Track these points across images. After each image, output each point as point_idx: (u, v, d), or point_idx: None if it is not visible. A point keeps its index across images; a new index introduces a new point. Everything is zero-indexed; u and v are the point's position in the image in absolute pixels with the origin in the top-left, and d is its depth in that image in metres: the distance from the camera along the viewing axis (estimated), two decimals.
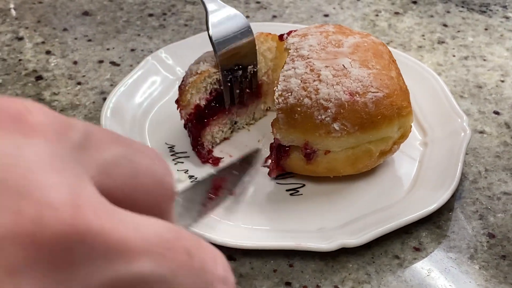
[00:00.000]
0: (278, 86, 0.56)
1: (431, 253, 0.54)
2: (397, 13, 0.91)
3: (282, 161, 0.59)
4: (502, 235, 0.55)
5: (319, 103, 0.54)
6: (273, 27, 0.71)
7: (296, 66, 0.57)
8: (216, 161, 0.63)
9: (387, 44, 0.81)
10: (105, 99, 0.69)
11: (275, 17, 0.90)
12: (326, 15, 0.90)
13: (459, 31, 0.86)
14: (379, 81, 0.55)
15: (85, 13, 0.91)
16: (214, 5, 0.61)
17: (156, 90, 0.71)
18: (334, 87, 0.54)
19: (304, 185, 0.60)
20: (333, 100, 0.54)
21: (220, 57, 0.60)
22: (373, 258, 0.53)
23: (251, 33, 0.62)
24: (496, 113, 0.70)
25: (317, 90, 0.55)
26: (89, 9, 0.92)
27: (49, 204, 0.17)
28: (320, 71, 0.55)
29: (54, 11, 0.92)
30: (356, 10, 0.92)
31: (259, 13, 0.91)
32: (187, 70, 0.63)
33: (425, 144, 0.64)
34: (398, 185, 0.60)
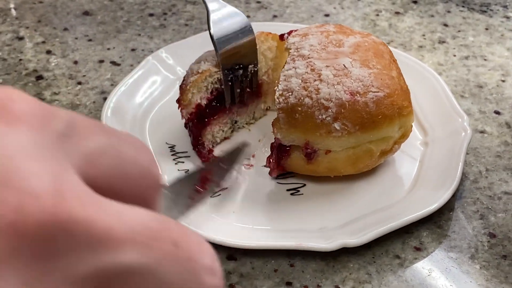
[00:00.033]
0: (278, 85, 0.56)
1: (432, 253, 0.54)
2: (397, 13, 0.91)
3: (282, 160, 0.59)
4: (503, 235, 0.55)
5: (319, 102, 0.54)
6: (274, 27, 0.71)
7: (296, 65, 0.57)
8: None
9: (388, 44, 0.80)
10: (105, 98, 0.69)
11: (275, 16, 0.90)
12: (326, 15, 0.90)
13: (459, 31, 0.86)
14: (379, 81, 0.55)
15: (86, 13, 0.91)
16: (215, 4, 0.62)
17: (156, 90, 0.71)
18: (334, 86, 0.54)
19: (304, 185, 0.60)
20: (333, 99, 0.54)
21: (221, 56, 0.60)
22: (374, 258, 0.53)
23: (252, 32, 0.62)
24: (496, 113, 0.70)
25: (317, 89, 0.54)
26: (89, 8, 0.92)
27: (31, 192, 0.17)
28: (320, 70, 0.55)
29: (54, 10, 0.92)
30: (356, 9, 0.92)
31: (260, 13, 0.91)
32: (188, 69, 0.63)
33: (425, 143, 0.64)
34: (398, 184, 0.60)
